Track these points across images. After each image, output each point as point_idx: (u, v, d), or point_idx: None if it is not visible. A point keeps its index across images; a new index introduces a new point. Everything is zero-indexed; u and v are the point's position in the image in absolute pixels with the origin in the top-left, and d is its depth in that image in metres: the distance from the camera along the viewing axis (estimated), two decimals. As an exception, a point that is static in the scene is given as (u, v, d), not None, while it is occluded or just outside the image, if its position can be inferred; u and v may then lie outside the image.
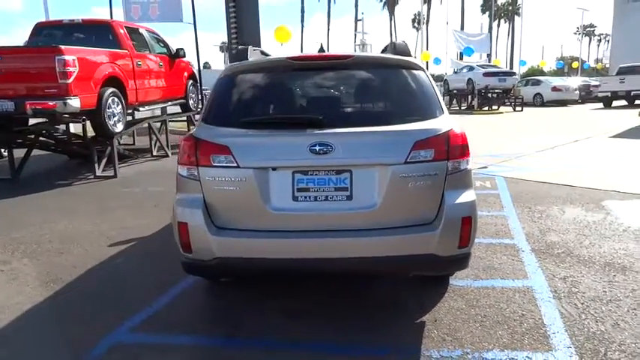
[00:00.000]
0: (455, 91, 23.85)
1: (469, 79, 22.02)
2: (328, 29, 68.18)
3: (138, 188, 7.11)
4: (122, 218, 5.36)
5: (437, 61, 32.89)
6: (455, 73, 25.90)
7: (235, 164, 2.54)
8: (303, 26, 62.57)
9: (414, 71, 2.84)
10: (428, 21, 64.12)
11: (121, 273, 3.86)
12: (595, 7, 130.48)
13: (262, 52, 4.43)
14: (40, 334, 2.94)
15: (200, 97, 12.03)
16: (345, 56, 2.83)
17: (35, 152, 8.64)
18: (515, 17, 69.97)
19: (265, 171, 2.55)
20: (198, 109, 11.95)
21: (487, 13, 72.81)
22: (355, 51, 51.87)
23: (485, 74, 21.53)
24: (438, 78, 28.39)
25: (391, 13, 73.55)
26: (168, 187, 6.94)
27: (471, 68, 23.07)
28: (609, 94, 21.22)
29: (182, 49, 10.34)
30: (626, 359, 2.44)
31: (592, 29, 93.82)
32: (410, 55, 2.97)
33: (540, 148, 9.37)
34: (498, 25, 74.25)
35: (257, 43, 13.04)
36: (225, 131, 2.65)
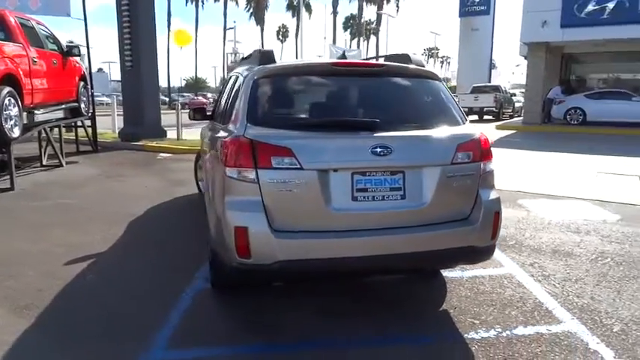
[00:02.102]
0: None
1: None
2: (196, 36, 66.41)
3: (48, 202, 6.32)
4: (60, 235, 4.78)
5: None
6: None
7: (298, 166, 2.55)
8: (169, 30, 59.92)
9: (437, 82, 3.14)
10: (297, 34, 66.19)
11: (107, 291, 3.49)
12: (442, 31, 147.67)
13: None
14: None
15: (91, 101, 11.01)
16: (380, 64, 3.02)
17: None
18: (373, 36, 75.85)
19: (327, 172, 2.60)
20: (89, 114, 10.95)
21: (349, 30, 77.69)
22: (228, 59, 50.98)
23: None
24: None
25: (258, 23, 74.38)
26: (82, 200, 6.37)
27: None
28: (466, 109, 24.12)
29: (77, 46, 9.44)
30: (618, 323, 2.98)
31: (436, 51, 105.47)
32: (425, 67, 3.25)
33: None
34: (359, 43, 79.30)
35: (153, 44, 12.41)
36: (284, 133, 2.65)
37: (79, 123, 10.84)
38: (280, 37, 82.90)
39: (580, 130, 17.15)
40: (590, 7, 16.91)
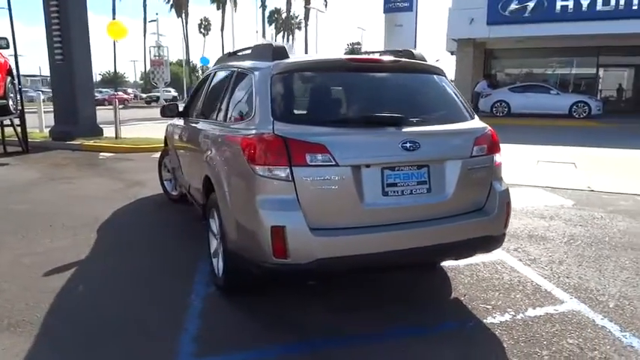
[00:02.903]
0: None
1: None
2: (114, 27, 62.74)
3: (-8, 207, 5.77)
4: (21, 244, 4.38)
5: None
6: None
7: (334, 163, 2.53)
8: (84, 22, 56.07)
9: (444, 78, 3.22)
10: (222, 27, 64.76)
11: (106, 302, 3.24)
12: (369, 27, 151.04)
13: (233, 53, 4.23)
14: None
15: (19, 98, 10.12)
16: (394, 60, 3.05)
17: None
18: (297, 31, 76.25)
19: (359, 168, 2.60)
20: (18, 112, 10.07)
21: (273, 24, 77.35)
22: (150, 52, 49.03)
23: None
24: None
25: (179, 15, 72.01)
26: (32, 206, 5.88)
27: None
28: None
29: (4, 38, 8.61)
30: (612, 300, 3.24)
31: (359, 47, 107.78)
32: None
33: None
34: (287, 37, 79.11)
35: (86, 33, 11.66)
36: (315, 129, 2.61)
37: (7, 122, 9.95)
38: (202, 30, 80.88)
39: (506, 121, 18.26)
40: (513, 6, 18.08)
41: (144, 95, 49.45)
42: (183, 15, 67.21)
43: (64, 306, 3.16)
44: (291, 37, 79.64)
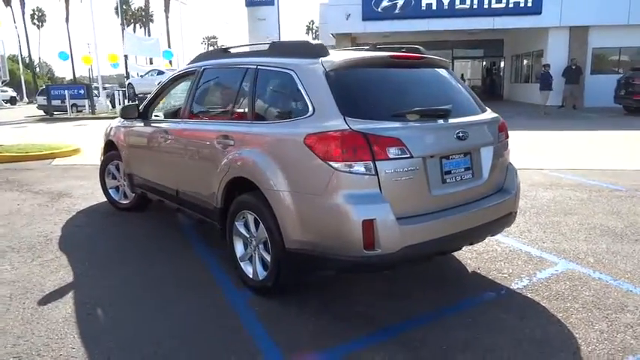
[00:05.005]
0: (141, 95, 23.36)
1: (160, 83, 21.98)
2: None
3: None
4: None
5: (115, 65, 31.24)
6: (141, 77, 25.27)
7: (409, 155, 2.67)
8: None
9: (452, 72, 3.52)
10: (68, 18, 58.50)
11: (143, 324, 2.96)
12: (235, 20, 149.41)
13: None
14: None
15: None
16: (421, 57, 3.26)
17: None
18: (150, 23, 72.11)
19: (426, 159, 2.78)
20: None
21: (122, 16, 71.98)
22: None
23: (176, 78, 22.01)
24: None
25: (7, 4, 63.78)
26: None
27: (160, 72, 23.05)
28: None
29: None
30: (589, 256, 3.88)
31: (215, 40, 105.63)
32: None
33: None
34: (134, 29, 74.23)
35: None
36: (389, 124, 2.72)
37: None
38: (36, 21, 72.65)
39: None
40: (385, 3, 19.42)
41: (-28, 96, 42.76)
42: (19, 4, 59.38)
43: (99, 335, 2.83)
44: (143, 29, 75.03)
